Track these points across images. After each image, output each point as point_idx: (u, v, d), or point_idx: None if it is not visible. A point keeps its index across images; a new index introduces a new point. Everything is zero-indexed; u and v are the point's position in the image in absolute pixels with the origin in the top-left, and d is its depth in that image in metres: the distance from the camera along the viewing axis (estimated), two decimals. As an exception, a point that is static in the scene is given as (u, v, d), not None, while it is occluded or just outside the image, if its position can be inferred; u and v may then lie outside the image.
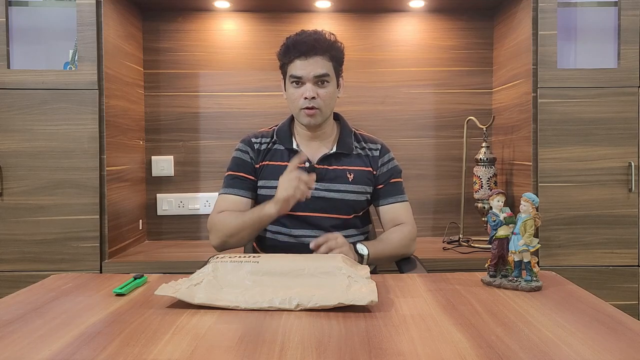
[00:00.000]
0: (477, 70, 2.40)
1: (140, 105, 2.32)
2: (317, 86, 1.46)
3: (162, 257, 2.05)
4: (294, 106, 1.50)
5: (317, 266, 1.09)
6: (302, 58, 1.45)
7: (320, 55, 1.46)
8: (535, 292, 1.13)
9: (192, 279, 1.08)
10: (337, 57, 1.51)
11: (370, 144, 1.60)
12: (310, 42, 1.46)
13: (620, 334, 0.88)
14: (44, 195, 1.91)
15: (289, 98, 1.51)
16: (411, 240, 1.55)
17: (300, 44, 1.46)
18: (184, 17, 2.37)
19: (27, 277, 1.88)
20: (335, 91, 1.53)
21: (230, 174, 1.55)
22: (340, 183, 1.51)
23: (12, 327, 0.93)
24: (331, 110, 1.54)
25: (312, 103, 1.45)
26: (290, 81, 1.48)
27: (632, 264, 1.96)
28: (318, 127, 1.52)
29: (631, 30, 1.95)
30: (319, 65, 1.46)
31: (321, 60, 1.46)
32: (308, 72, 1.45)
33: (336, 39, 1.52)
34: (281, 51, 1.51)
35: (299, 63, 1.46)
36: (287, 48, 1.48)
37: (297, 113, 1.49)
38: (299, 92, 1.47)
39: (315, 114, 1.47)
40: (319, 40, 1.47)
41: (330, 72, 1.48)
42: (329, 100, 1.49)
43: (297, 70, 1.46)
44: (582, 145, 1.94)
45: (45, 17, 2.07)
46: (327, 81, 1.48)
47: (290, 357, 0.79)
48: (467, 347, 0.82)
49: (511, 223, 1.16)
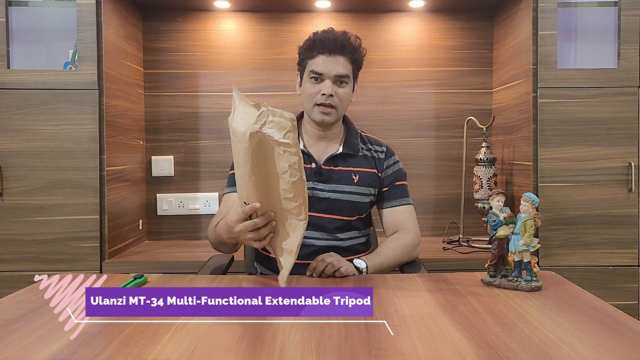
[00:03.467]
0: (477, 70, 2.40)
1: (140, 105, 2.32)
2: (336, 85, 1.47)
3: (162, 257, 2.05)
4: (308, 101, 1.49)
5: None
6: (326, 55, 1.46)
7: (344, 56, 1.47)
8: (535, 292, 1.13)
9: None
10: (358, 62, 1.52)
11: (376, 145, 1.60)
12: (339, 41, 1.46)
13: (620, 334, 0.88)
14: (44, 195, 1.91)
15: (304, 93, 1.50)
16: (414, 248, 1.53)
17: (328, 41, 1.46)
18: (184, 17, 2.37)
19: (27, 277, 1.87)
20: (351, 94, 1.53)
21: (233, 172, 1.54)
22: (345, 184, 1.50)
23: (12, 327, 0.93)
24: (344, 111, 1.54)
25: (329, 100, 1.46)
26: (310, 76, 1.48)
27: (632, 264, 1.96)
28: (329, 126, 1.52)
29: (631, 30, 1.95)
30: (341, 65, 1.46)
31: (344, 61, 1.47)
32: (330, 70, 1.45)
33: (361, 43, 1.52)
34: (305, 45, 1.51)
35: (321, 59, 1.46)
36: (314, 42, 1.48)
37: (311, 109, 1.49)
38: (317, 88, 1.47)
39: (331, 112, 1.47)
40: (347, 40, 1.48)
41: (350, 74, 1.49)
42: (346, 101, 1.50)
43: (319, 66, 1.46)
44: (582, 145, 1.94)
45: (45, 17, 2.07)
46: (346, 82, 1.48)
47: (290, 357, 0.79)
48: (467, 347, 0.82)
49: (511, 223, 1.16)
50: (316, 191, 1.47)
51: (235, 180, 1.19)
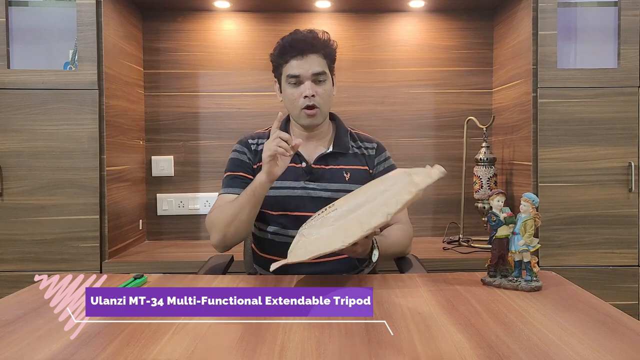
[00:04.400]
0: (477, 70, 2.40)
1: (140, 105, 2.32)
2: (315, 84, 1.47)
3: (162, 257, 2.05)
4: (293, 107, 1.49)
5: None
6: (299, 57, 1.45)
7: (316, 53, 1.47)
8: (535, 292, 1.13)
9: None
10: (331, 56, 1.52)
11: (367, 142, 1.60)
12: (308, 40, 1.46)
13: (620, 334, 0.88)
14: (44, 195, 1.91)
15: (287, 99, 1.50)
16: (410, 240, 1.54)
17: (297, 42, 1.46)
18: (184, 17, 2.37)
19: (27, 277, 1.87)
20: (332, 89, 1.53)
21: (230, 174, 1.54)
22: (337, 182, 1.50)
23: (12, 327, 0.93)
24: (329, 108, 1.54)
25: (312, 101, 1.46)
26: (288, 82, 1.48)
27: (632, 264, 1.96)
28: (316, 126, 1.52)
29: (631, 30, 1.95)
30: (315, 63, 1.46)
31: (317, 58, 1.47)
32: (306, 70, 1.45)
33: (329, 37, 1.52)
34: (276, 52, 1.50)
35: (295, 62, 1.46)
36: (284, 48, 1.48)
37: (298, 114, 1.49)
38: (297, 91, 1.47)
39: (316, 113, 1.47)
40: (315, 38, 1.48)
41: (326, 70, 1.49)
42: (328, 99, 1.50)
43: (294, 69, 1.46)
44: (582, 145, 1.94)
45: (45, 17, 2.07)
46: (325, 79, 1.48)
47: (290, 357, 0.79)
48: (467, 347, 0.82)
49: (511, 223, 1.16)
50: (308, 190, 1.48)
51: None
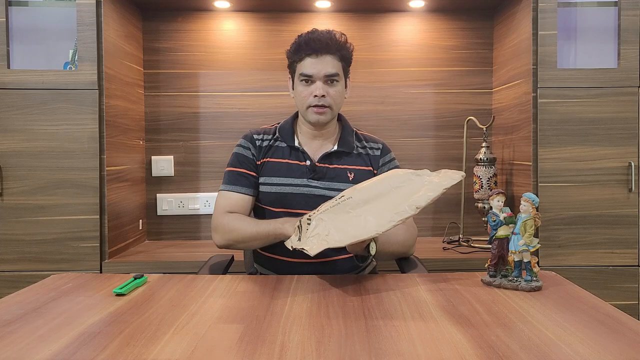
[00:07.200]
0: (477, 70, 2.40)
1: (140, 105, 2.32)
2: (327, 85, 1.47)
3: (162, 257, 2.05)
4: (302, 104, 1.50)
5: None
6: (314, 56, 1.46)
7: (331, 54, 1.47)
8: (535, 292, 1.13)
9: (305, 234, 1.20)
10: (347, 58, 1.52)
11: (372, 143, 1.60)
12: (324, 40, 1.46)
13: (620, 334, 0.88)
14: (44, 195, 1.91)
15: (297, 96, 1.51)
16: (414, 241, 1.54)
17: (313, 41, 1.46)
18: (184, 17, 2.37)
19: (27, 277, 1.88)
20: (344, 91, 1.53)
21: (232, 170, 1.54)
22: (340, 182, 1.51)
23: (12, 327, 0.93)
24: (339, 109, 1.54)
25: (322, 101, 1.46)
26: (300, 79, 1.48)
27: (632, 264, 1.96)
28: (324, 126, 1.52)
29: (631, 30, 1.95)
30: (329, 65, 1.46)
31: (332, 59, 1.47)
32: (319, 71, 1.46)
33: (347, 39, 1.52)
34: (292, 49, 1.51)
35: (309, 61, 1.46)
36: (299, 46, 1.48)
37: (305, 111, 1.49)
38: (308, 90, 1.47)
39: (325, 112, 1.48)
40: (331, 39, 1.47)
41: (339, 72, 1.49)
42: (339, 100, 1.50)
43: (307, 68, 1.46)
44: (582, 145, 1.94)
45: (45, 17, 2.07)
46: (337, 81, 1.48)
47: (290, 357, 0.79)
48: (467, 347, 0.82)
49: (511, 223, 1.16)
50: (311, 188, 1.48)
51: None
